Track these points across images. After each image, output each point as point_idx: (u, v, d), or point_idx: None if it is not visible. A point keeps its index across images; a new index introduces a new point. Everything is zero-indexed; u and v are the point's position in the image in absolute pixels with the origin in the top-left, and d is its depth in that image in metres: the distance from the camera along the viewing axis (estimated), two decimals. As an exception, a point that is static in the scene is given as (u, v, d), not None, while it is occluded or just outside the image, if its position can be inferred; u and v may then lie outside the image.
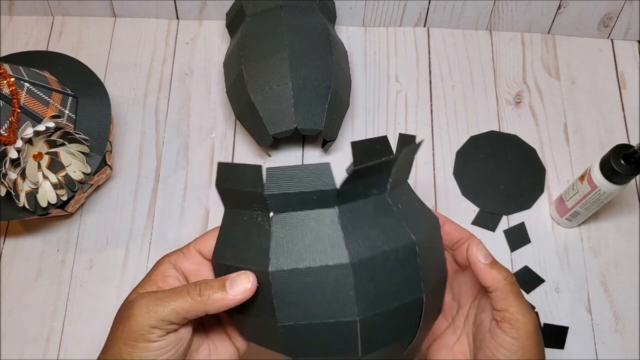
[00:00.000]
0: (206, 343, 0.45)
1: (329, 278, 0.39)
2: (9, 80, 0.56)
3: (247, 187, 0.39)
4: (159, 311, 0.39)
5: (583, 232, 0.67)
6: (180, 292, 0.40)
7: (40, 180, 0.57)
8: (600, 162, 0.58)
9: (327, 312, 0.39)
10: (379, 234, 0.40)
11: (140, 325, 0.39)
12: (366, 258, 0.39)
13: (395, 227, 0.40)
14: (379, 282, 0.40)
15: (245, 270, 0.40)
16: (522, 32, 0.77)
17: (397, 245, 0.40)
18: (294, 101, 0.62)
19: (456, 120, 0.72)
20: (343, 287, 0.39)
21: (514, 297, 0.43)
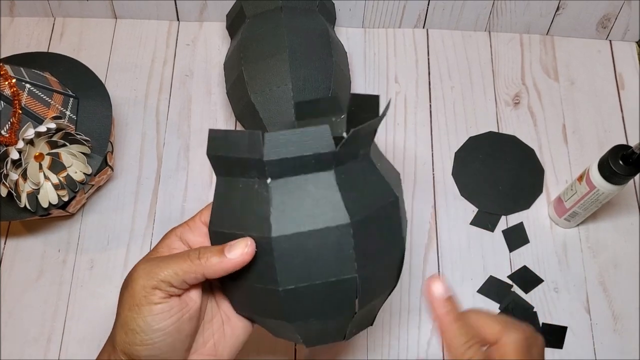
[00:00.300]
0: (219, 314, 0.45)
1: (331, 239, 0.39)
2: (10, 81, 0.57)
3: (244, 154, 0.39)
4: (159, 272, 0.39)
5: (582, 233, 0.67)
6: (180, 255, 0.40)
7: (42, 181, 0.57)
8: (599, 163, 0.58)
9: (328, 272, 0.40)
10: (370, 192, 0.41)
11: (142, 286, 0.39)
12: (363, 217, 0.40)
13: (382, 185, 0.42)
14: (373, 239, 0.41)
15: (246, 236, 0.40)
16: (520, 33, 0.77)
17: (386, 202, 0.42)
18: (294, 102, 0.63)
19: (455, 121, 0.72)
20: (344, 246, 0.40)
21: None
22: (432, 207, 0.68)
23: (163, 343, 0.40)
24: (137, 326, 0.39)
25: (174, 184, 0.68)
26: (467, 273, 0.65)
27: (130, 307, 0.39)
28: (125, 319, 0.40)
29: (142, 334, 0.39)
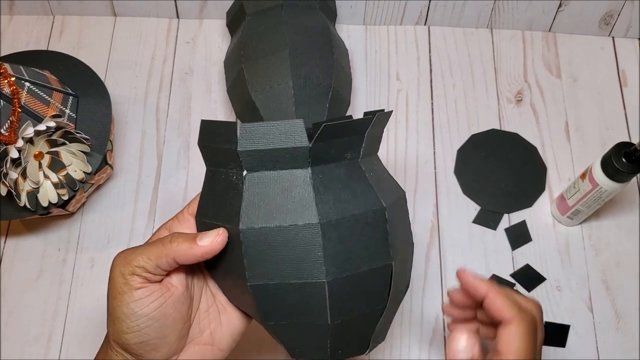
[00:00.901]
0: (215, 304, 0.46)
1: (298, 238, 0.39)
2: (9, 79, 0.56)
3: (223, 145, 0.40)
4: (134, 259, 0.40)
5: (584, 231, 0.67)
6: (154, 242, 0.41)
7: (41, 180, 0.57)
8: (602, 160, 0.58)
9: (295, 272, 0.40)
10: (350, 198, 0.41)
11: (120, 274, 0.41)
12: (336, 220, 0.40)
13: (367, 192, 0.41)
14: (348, 245, 0.40)
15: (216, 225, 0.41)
16: (523, 30, 0.77)
17: (367, 210, 0.41)
18: (295, 100, 0.62)
19: (457, 119, 0.72)
20: (312, 247, 0.39)
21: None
22: (434, 205, 0.67)
23: (150, 329, 0.40)
24: (122, 313, 0.40)
25: (174, 182, 0.68)
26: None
27: (113, 296, 0.41)
28: (111, 309, 0.41)
29: (128, 320, 0.40)
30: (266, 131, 0.38)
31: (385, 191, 0.43)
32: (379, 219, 0.41)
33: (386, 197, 0.42)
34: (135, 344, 0.41)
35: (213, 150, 0.41)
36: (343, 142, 0.40)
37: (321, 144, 0.39)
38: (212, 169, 0.43)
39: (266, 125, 0.38)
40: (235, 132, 0.38)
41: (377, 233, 0.41)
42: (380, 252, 0.41)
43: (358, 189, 0.41)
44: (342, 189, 0.41)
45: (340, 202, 0.40)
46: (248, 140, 0.39)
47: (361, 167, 0.42)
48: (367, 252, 0.41)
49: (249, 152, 0.39)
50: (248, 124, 0.38)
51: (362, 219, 0.40)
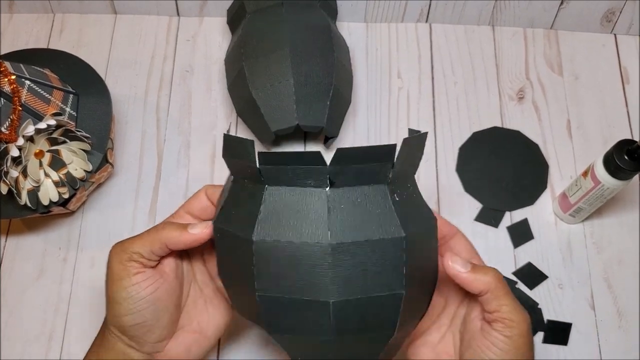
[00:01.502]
0: (202, 297, 0.50)
1: (308, 256, 0.39)
2: (10, 78, 0.56)
3: (244, 159, 0.41)
4: (130, 246, 0.45)
5: (586, 228, 0.66)
6: (147, 230, 0.46)
7: (42, 178, 0.57)
8: (604, 158, 0.58)
9: (302, 289, 0.40)
10: (367, 222, 0.40)
11: (118, 261, 0.45)
12: (348, 242, 0.40)
13: (387, 219, 0.41)
14: (358, 269, 0.40)
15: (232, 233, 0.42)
16: (524, 27, 0.77)
17: (385, 237, 0.40)
18: (296, 98, 0.62)
19: (458, 117, 0.72)
20: (320, 266, 0.39)
21: (504, 296, 0.43)
22: (436, 203, 0.67)
23: (146, 311, 0.45)
24: (121, 297, 0.44)
25: (174, 181, 0.68)
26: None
27: (112, 282, 0.45)
28: (110, 294, 0.45)
29: (126, 303, 0.44)
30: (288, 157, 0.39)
31: (412, 218, 0.42)
32: (396, 247, 0.40)
33: (410, 225, 0.41)
34: (133, 325, 0.45)
35: (236, 162, 0.43)
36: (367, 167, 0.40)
37: (340, 167, 0.39)
38: (236, 177, 0.44)
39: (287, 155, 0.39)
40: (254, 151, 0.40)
41: (392, 261, 0.40)
42: (393, 281, 0.41)
43: (378, 215, 0.41)
44: (361, 213, 0.40)
45: (355, 225, 0.40)
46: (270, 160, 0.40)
47: (386, 192, 0.41)
48: (379, 280, 0.40)
49: (270, 169, 0.40)
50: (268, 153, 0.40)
51: (377, 245, 0.40)
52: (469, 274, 0.43)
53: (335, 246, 0.39)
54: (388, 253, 0.40)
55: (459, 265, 0.43)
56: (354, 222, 0.40)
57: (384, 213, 0.41)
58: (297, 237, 0.40)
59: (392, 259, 0.40)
